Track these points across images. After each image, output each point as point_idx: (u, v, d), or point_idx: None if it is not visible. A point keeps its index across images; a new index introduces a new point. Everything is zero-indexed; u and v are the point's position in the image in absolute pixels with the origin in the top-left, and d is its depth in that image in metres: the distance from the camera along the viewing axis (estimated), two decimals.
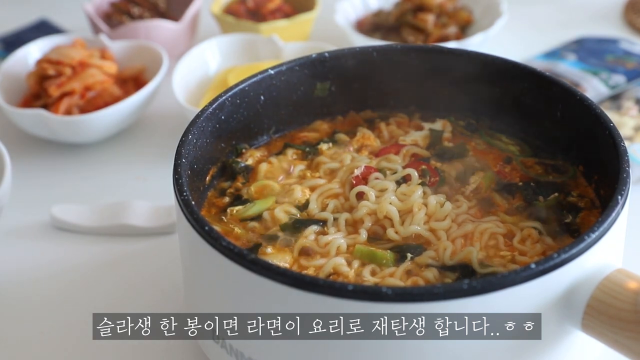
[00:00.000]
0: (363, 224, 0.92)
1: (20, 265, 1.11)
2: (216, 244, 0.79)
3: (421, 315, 0.74)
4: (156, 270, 1.09)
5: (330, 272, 0.86)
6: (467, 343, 0.76)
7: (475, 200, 0.95)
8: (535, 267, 0.75)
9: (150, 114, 1.39)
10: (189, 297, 0.91)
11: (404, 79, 1.07)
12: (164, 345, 0.98)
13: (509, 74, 1.01)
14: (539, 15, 1.66)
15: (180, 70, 1.33)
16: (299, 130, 1.07)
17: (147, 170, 1.28)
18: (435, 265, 0.87)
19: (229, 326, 0.83)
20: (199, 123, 0.94)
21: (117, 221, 1.14)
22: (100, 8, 1.54)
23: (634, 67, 1.42)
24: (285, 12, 1.53)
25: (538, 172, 0.98)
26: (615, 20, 1.63)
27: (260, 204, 0.95)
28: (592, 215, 0.92)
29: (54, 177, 1.28)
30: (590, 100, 0.94)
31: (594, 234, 0.78)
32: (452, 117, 1.07)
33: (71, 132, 1.27)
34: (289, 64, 1.03)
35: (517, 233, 0.90)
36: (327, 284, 0.75)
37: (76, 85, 1.29)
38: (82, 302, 1.05)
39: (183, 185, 0.85)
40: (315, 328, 0.76)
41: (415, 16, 1.48)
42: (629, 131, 1.27)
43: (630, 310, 0.74)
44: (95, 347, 0.99)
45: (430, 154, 1.01)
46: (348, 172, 0.98)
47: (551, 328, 0.78)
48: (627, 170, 0.84)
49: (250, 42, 1.40)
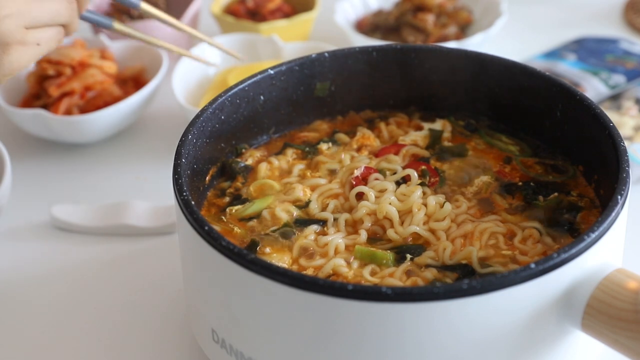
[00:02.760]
0: (363, 224, 0.92)
1: (20, 265, 1.11)
2: (216, 244, 0.79)
3: (421, 315, 0.74)
4: (156, 270, 1.09)
5: (330, 272, 0.86)
6: (467, 343, 0.76)
7: (475, 200, 0.95)
8: (535, 267, 0.75)
9: (150, 114, 1.39)
10: (189, 297, 0.91)
11: (404, 79, 1.07)
12: (164, 345, 0.98)
13: (509, 74, 1.01)
14: (539, 15, 1.66)
15: (180, 70, 1.33)
16: (299, 130, 1.07)
17: (147, 170, 1.28)
18: (435, 265, 0.87)
19: (229, 326, 0.83)
20: (199, 123, 0.94)
21: (117, 221, 1.14)
22: (100, 8, 1.54)
23: (633, 67, 1.42)
24: (285, 12, 1.53)
25: (538, 172, 0.98)
26: (615, 20, 1.63)
27: (259, 203, 0.95)
28: (592, 215, 0.92)
29: (54, 177, 1.28)
30: (590, 100, 0.94)
31: (594, 234, 0.78)
32: (452, 117, 1.07)
33: (71, 132, 1.27)
34: (289, 64, 1.03)
35: (518, 233, 0.90)
36: (327, 284, 0.75)
37: (76, 85, 1.29)
38: (83, 302, 1.05)
39: (183, 185, 0.85)
40: (315, 328, 0.76)
41: (415, 16, 1.48)
42: (629, 131, 1.27)
43: (630, 310, 0.74)
44: (96, 346, 0.99)
45: (430, 154, 1.01)
46: (348, 172, 0.98)
47: (551, 328, 0.78)
48: (627, 170, 0.84)
49: (250, 42, 1.40)
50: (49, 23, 0.92)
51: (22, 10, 0.88)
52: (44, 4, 0.90)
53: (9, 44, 0.88)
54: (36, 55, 0.91)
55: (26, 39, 0.89)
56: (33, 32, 0.90)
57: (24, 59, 0.90)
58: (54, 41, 0.93)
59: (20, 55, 0.90)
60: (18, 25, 0.88)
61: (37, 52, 0.91)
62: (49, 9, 0.91)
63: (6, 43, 0.88)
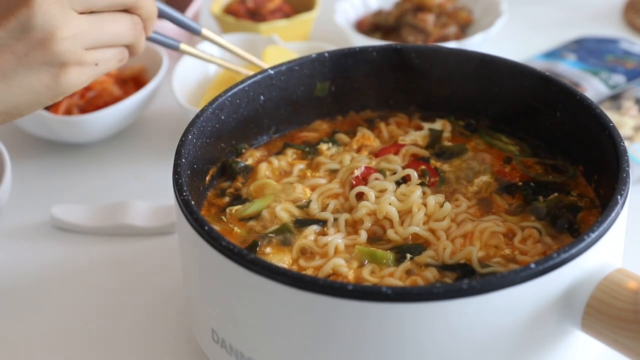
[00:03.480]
0: (363, 224, 0.92)
1: (20, 265, 1.11)
2: (216, 244, 0.79)
3: (421, 315, 0.74)
4: (156, 270, 1.09)
5: (330, 272, 0.86)
6: (467, 343, 0.76)
7: (475, 200, 0.95)
8: (534, 267, 0.75)
9: (150, 114, 1.39)
10: (189, 297, 0.91)
11: (403, 79, 1.07)
12: (164, 345, 0.98)
13: (509, 74, 1.01)
14: (539, 15, 1.66)
15: (180, 70, 1.33)
16: (299, 130, 1.07)
17: (147, 170, 1.28)
18: (435, 265, 0.87)
19: (229, 326, 0.83)
20: (199, 123, 0.94)
21: (117, 221, 1.14)
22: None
23: (633, 67, 1.42)
24: (285, 12, 1.53)
25: (538, 172, 0.98)
26: (615, 20, 1.63)
27: (259, 202, 0.95)
28: (592, 215, 0.92)
29: (54, 177, 1.28)
30: (590, 100, 0.94)
31: (594, 234, 0.78)
32: (452, 117, 1.07)
33: (71, 132, 1.27)
34: (289, 64, 1.03)
35: (518, 232, 0.90)
36: (326, 284, 0.75)
37: None
38: (82, 302, 1.05)
39: (183, 185, 0.85)
40: (315, 328, 0.76)
41: (415, 16, 1.48)
42: (629, 131, 1.27)
43: (630, 310, 0.74)
44: (96, 346, 0.99)
45: (430, 154, 1.01)
46: (348, 172, 0.98)
47: (551, 328, 0.78)
48: (626, 170, 0.84)
49: (250, 42, 1.40)
50: (111, 44, 0.91)
51: (82, 31, 0.88)
52: (105, 25, 0.90)
53: (67, 64, 0.88)
54: (94, 74, 0.91)
55: (84, 59, 0.89)
56: (92, 52, 0.89)
57: (81, 79, 0.90)
58: (115, 61, 0.92)
59: (77, 76, 0.89)
60: (77, 46, 0.88)
61: (95, 72, 0.91)
62: (111, 30, 0.90)
63: (64, 63, 0.88)
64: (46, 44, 0.86)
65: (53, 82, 0.89)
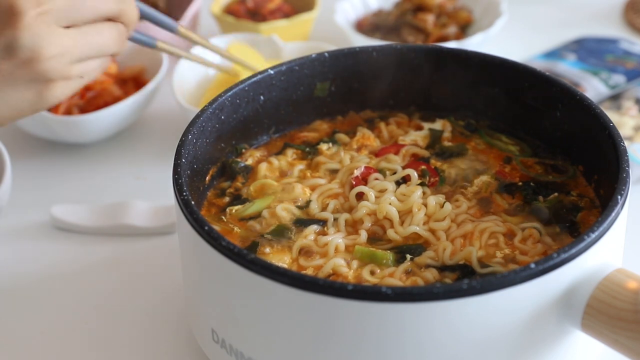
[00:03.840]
0: (363, 224, 0.92)
1: (20, 265, 1.11)
2: (216, 244, 0.79)
3: (421, 315, 0.74)
4: (156, 270, 1.09)
5: (330, 272, 0.86)
6: (467, 343, 0.76)
7: (475, 200, 0.95)
8: (534, 267, 0.75)
9: (150, 114, 1.39)
10: (189, 297, 0.91)
11: (403, 79, 1.07)
12: (163, 345, 0.98)
13: (509, 74, 1.01)
14: (539, 15, 1.66)
15: (180, 70, 1.33)
16: (299, 130, 1.07)
17: (147, 170, 1.28)
18: (435, 266, 0.87)
19: (229, 326, 0.83)
20: (199, 123, 0.94)
21: (117, 221, 1.14)
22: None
23: (633, 67, 1.42)
24: (285, 12, 1.53)
25: (538, 172, 0.98)
26: (615, 20, 1.63)
27: (259, 202, 0.95)
28: (592, 215, 0.92)
29: (54, 177, 1.28)
30: (590, 100, 0.94)
31: (594, 234, 0.78)
32: (452, 117, 1.07)
33: (71, 132, 1.27)
34: (289, 64, 1.03)
35: (518, 232, 0.90)
36: (326, 284, 0.75)
37: None
38: (82, 302, 1.05)
39: (183, 185, 0.85)
40: (315, 328, 0.76)
41: (415, 16, 1.48)
42: (629, 131, 1.27)
43: (630, 310, 0.74)
44: (96, 346, 0.99)
45: (430, 154, 1.01)
46: (348, 172, 0.98)
47: (551, 328, 0.78)
48: (626, 170, 0.84)
49: (250, 42, 1.40)
50: (96, 56, 0.91)
51: (68, 48, 0.87)
52: (90, 38, 0.89)
53: (52, 80, 0.88)
54: (79, 86, 0.91)
55: (70, 74, 0.89)
56: (77, 66, 0.90)
57: (65, 92, 0.90)
58: (98, 70, 0.93)
59: (62, 90, 0.89)
60: (63, 63, 0.88)
61: (80, 83, 0.91)
62: (96, 42, 0.90)
63: (50, 80, 0.88)
64: (32, 64, 0.86)
65: (37, 98, 0.89)
